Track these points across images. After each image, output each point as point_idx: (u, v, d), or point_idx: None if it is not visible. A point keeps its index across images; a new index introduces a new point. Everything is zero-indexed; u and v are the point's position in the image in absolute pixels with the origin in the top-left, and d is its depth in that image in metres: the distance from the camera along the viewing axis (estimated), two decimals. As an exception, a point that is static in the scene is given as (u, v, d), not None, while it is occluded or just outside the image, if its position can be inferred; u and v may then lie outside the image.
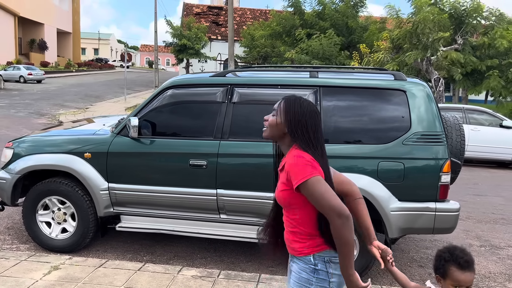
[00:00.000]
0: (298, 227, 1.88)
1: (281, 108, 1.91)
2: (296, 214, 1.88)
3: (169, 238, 4.69)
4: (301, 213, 1.87)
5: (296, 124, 1.87)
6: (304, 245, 1.88)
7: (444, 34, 15.27)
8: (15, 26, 42.67)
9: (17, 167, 4.27)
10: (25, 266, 3.75)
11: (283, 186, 1.87)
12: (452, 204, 3.77)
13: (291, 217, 1.90)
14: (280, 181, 1.91)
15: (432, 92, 3.93)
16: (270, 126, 1.92)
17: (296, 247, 1.90)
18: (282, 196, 1.88)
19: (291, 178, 1.81)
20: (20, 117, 15.55)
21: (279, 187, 1.90)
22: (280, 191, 1.88)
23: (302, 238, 1.88)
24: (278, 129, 1.90)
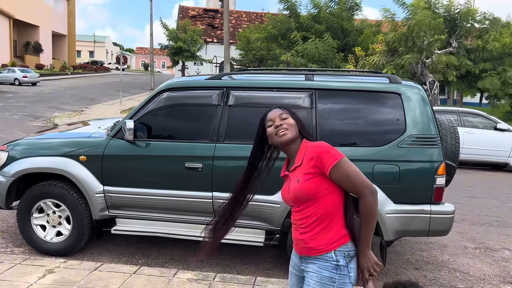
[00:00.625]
0: (321, 220, 1.89)
1: (286, 111, 2.03)
2: (318, 204, 1.89)
3: (164, 241, 4.68)
4: (325, 202, 1.89)
5: (301, 122, 2.03)
6: (324, 242, 1.89)
7: (440, 37, 15.36)
8: (10, 29, 42.49)
9: (12, 170, 4.25)
10: (19, 269, 3.73)
11: (307, 176, 1.89)
12: (447, 206, 3.79)
13: (312, 211, 1.90)
14: (297, 176, 1.93)
15: (427, 95, 3.95)
16: (290, 127, 1.97)
17: (315, 245, 1.90)
18: (308, 186, 1.88)
19: (325, 161, 1.86)
20: (14, 120, 15.47)
21: (301, 179, 1.90)
22: (305, 181, 1.88)
23: (323, 234, 1.89)
24: (295, 129, 1.98)
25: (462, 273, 4.41)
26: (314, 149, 1.91)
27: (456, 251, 5.01)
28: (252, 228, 3.97)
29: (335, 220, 1.90)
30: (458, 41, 17.57)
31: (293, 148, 2.00)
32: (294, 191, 1.93)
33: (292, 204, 1.99)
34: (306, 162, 1.91)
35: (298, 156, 1.97)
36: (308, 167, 1.90)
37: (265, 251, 4.52)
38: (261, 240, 3.95)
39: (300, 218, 1.95)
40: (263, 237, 3.97)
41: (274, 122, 1.99)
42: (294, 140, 1.98)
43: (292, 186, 1.95)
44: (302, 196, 1.91)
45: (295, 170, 1.96)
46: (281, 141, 1.97)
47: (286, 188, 2.01)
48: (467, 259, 4.78)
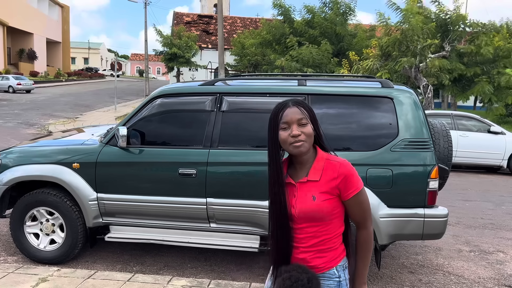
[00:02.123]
0: (326, 241, 1.78)
1: (307, 114, 1.75)
2: (328, 226, 1.77)
3: (159, 248, 4.66)
4: (331, 224, 1.78)
5: (318, 125, 1.79)
6: (327, 259, 1.79)
7: (433, 41, 15.48)
8: (4, 36, 42.39)
9: (5, 178, 4.23)
10: (12, 278, 3.70)
11: (325, 196, 1.74)
12: (441, 210, 3.80)
13: (319, 230, 1.76)
14: (312, 192, 1.75)
15: (421, 99, 3.98)
16: (309, 137, 1.74)
17: (319, 263, 1.78)
18: (325, 206, 1.73)
19: (348, 186, 1.74)
20: (8, 128, 15.40)
21: (319, 198, 1.73)
22: (323, 201, 1.73)
23: (326, 251, 1.79)
24: (312, 137, 1.76)
25: (456, 276, 4.41)
26: (339, 169, 1.74)
27: (451, 254, 5.02)
28: (246, 233, 3.96)
29: (337, 239, 1.83)
30: (451, 45, 17.71)
31: (306, 157, 1.79)
32: (307, 208, 1.74)
33: (292, 219, 1.77)
34: (326, 180, 1.74)
35: (314, 169, 1.76)
36: (328, 186, 1.74)
37: (260, 257, 4.51)
38: (256, 245, 3.94)
39: (303, 236, 1.77)
40: (258, 243, 3.96)
41: (291, 128, 1.73)
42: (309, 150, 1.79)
43: (303, 202, 1.75)
44: (315, 216, 1.74)
45: (307, 184, 1.76)
46: (295, 153, 1.75)
47: (289, 199, 1.78)
48: (462, 262, 4.79)
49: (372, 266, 4.41)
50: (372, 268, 4.40)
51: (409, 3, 16.27)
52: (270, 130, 1.79)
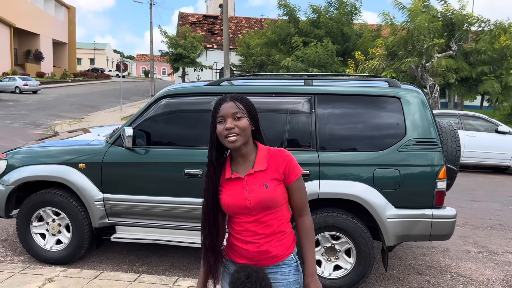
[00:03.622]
0: (281, 227, 1.83)
1: (243, 108, 1.79)
2: (279, 212, 1.82)
3: (165, 248, 4.65)
4: (282, 210, 1.84)
5: (257, 120, 1.85)
6: (285, 246, 1.85)
7: (439, 41, 15.38)
8: (11, 37, 42.67)
9: (11, 179, 4.24)
10: (19, 278, 3.71)
11: (275, 182, 1.80)
12: (449, 210, 3.76)
13: (274, 217, 1.81)
14: (263, 181, 1.79)
15: (427, 99, 3.93)
16: (243, 131, 1.77)
17: (279, 252, 1.83)
18: (276, 193, 1.79)
19: (291, 171, 1.81)
20: (15, 128, 15.49)
21: (270, 185, 1.79)
22: (274, 188, 1.79)
23: (283, 238, 1.84)
24: (248, 132, 1.79)
25: (465, 277, 4.37)
26: (282, 156, 1.83)
27: (459, 256, 4.97)
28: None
29: (288, 224, 1.88)
30: (457, 44, 17.59)
31: (245, 150, 1.83)
32: (261, 197, 1.78)
33: (247, 212, 1.80)
34: (273, 167, 1.81)
35: (258, 160, 1.82)
36: (276, 173, 1.81)
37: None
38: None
39: (260, 227, 1.80)
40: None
41: (226, 121, 1.76)
42: (245, 144, 1.81)
43: (256, 192, 1.78)
44: (270, 203, 1.79)
45: (255, 174, 1.81)
46: (230, 147, 1.79)
47: (241, 193, 1.80)
48: (470, 264, 4.74)
49: (379, 267, 4.38)
50: (379, 269, 4.37)
51: (415, 3, 16.18)
52: (210, 124, 1.85)
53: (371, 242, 3.77)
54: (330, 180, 3.72)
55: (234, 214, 1.84)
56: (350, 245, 3.79)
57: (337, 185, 3.71)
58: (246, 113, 1.79)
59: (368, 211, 3.68)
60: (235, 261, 1.88)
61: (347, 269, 3.82)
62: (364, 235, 3.74)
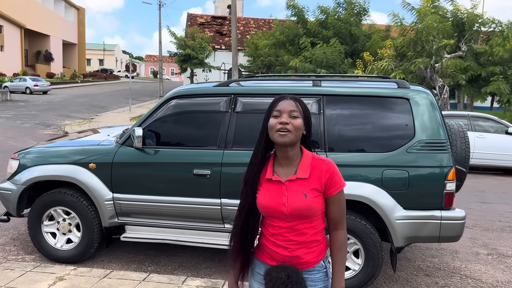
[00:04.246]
0: (314, 236, 1.82)
1: (301, 109, 1.79)
2: (314, 222, 1.81)
3: (173, 248, 4.69)
4: (318, 220, 1.82)
5: (310, 126, 1.85)
6: (316, 253, 1.84)
7: (449, 41, 15.28)
8: (22, 38, 43.16)
9: (23, 178, 4.30)
10: (30, 277, 3.76)
11: (315, 193, 1.77)
12: (458, 212, 3.74)
13: (308, 226, 1.80)
14: (303, 189, 1.77)
15: (436, 100, 3.92)
16: (296, 130, 1.76)
17: (310, 259, 1.83)
18: (314, 204, 1.77)
19: (333, 183, 1.79)
20: (26, 128, 15.66)
21: (310, 195, 1.77)
22: (314, 198, 1.77)
23: (315, 246, 1.83)
24: (299, 133, 1.79)
25: (474, 279, 4.35)
26: (327, 166, 1.79)
27: (468, 257, 4.95)
28: (261, 234, 3.95)
29: (322, 233, 1.87)
30: (467, 45, 17.46)
31: (291, 153, 1.81)
32: (300, 206, 1.76)
33: (282, 217, 1.79)
34: (315, 177, 1.78)
35: (302, 167, 1.80)
36: (317, 184, 1.78)
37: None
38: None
39: (294, 234, 1.80)
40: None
41: (281, 116, 1.76)
42: (294, 144, 1.80)
43: (295, 199, 1.77)
44: (307, 212, 1.77)
45: (296, 181, 1.79)
46: (278, 142, 1.76)
47: (279, 198, 1.78)
48: (479, 266, 4.71)
49: (387, 269, 4.37)
50: (388, 271, 4.36)
51: (424, 3, 16.09)
52: (264, 118, 1.84)
53: (379, 243, 3.77)
54: (339, 181, 3.72)
55: (269, 216, 1.83)
56: (358, 246, 3.79)
57: (346, 186, 3.70)
58: (303, 115, 1.79)
59: (377, 212, 3.68)
60: (264, 262, 1.88)
61: (355, 270, 3.82)
62: (372, 236, 3.74)
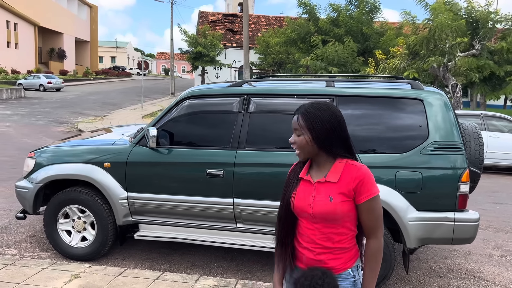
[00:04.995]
0: (341, 243, 1.80)
1: (303, 124, 1.78)
2: (343, 228, 1.80)
3: (186, 246, 4.73)
4: (346, 226, 1.80)
5: (324, 135, 1.76)
6: (342, 260, 1.82)
7: (463, 39, 15.10)
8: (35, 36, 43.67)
9: (39, 177, 4.37)
10: (46, 274, 3.83)
11: (341, 197, 1.76)
12: (472, 214, 3.72)
13: (335, 232, 1.79)
14: (330, 193, 1.77)
15: (449, 99, 3.90)
16: (301, 148, 1.81)
17: (335, 265, 1.81)
18: (341, 208, 1.76)
19: (363, 190, 1.75)
20: (40, 125, 15.86)
21: (336, 199, 1.76)
22: (339, 203, 1.76)
23: (341, 253, 1.81)
24: (310, 146, 1.79)
25: (487, 281, 4.32)
26: (357, 172, 1.77)
27: (481, 259, 4.91)
28: (273, 234, 3.97)
29: (351, 241, 1.84)
30: (481, 43, 17.24)
31: (317, 160, 1.84)
32: (324, 209, 1.76)
33: (309, 218, 1.81)
34: (344, 182, 1.77)
35: (332, 171, 1.79)
36: (345, 189, 1.76)
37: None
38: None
39: (319, 237, 1.80)
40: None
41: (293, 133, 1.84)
42: (310, 157, 1.84)
43: (321, 201, 1.77)
44: (331, 216, 1.76)
45: (325, 184, 1.79)
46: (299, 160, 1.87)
47: (307, 198, 1.80)
48: (493, 267, 4.68)
49: (400, 270, 4.36)
50: (400, 272, 4.36)
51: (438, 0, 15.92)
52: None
53: (392, 245, 3.77)
54: (351, 182, 3.73)
55: (299, 216, 1.85)
56: (371, 247, 3.79)
57: (358, 187, 3.71)
58: (307, 129, 1.76)
59: (390, 213, 3.68)
60: (295, 264, 1.90)
61: (368, 271, 3.82)
62: (385, 238, 3.73)
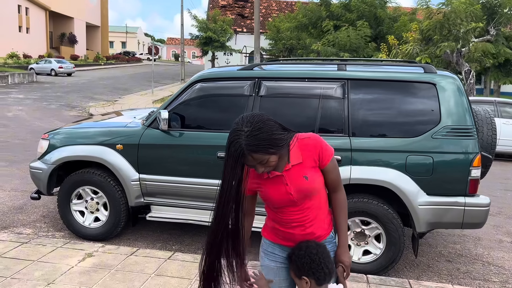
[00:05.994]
0: (322, 209, 1.92)
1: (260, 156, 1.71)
2: (319, 195, 1.89)
3: (197, 228, 4.79)
4: (322, 193, 1.91)
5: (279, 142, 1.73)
6: (325, 226, 1.95)
7: (477, 25, 14.83)
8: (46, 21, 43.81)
9: (53, 158, 4.44)
10: (61, 252, 3.92)
11: (313, 171, 1.85)
12: (482, 199, 3.71)
13: (315, 202, 1.88)
14: (302, 173, 1.82)
15: (462, 85, 3.86)
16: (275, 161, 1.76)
17: (322, 233, 1.93)
18: (316, 182, 1.85)
19: (323, 155, 1.84)
20: (52, 109, 16.02)
21: (310, 176, 1.83)
22: (314, 176, 1.84)
23: (323, 219, 1.93)
24: (276, 157, 1.75)
25: (496, 266, 4.32)
26: (313, 142, 1.84)
27: (491, 245, 4.91)
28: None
29: (326, 204, 1.96)
30: (496, 28, 16.93)
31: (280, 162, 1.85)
32: (303, 189, 1.83)
33: (291, 204, 1.86)
34: (308, 156, 1.84)
35: (293, 153, 1.83)
36: (311, 161, 1.84)
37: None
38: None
39: (305, 214, 1.87)
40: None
41: (256, 168, 1.77)
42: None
43: (298, 185, 1.82)
44: (312, 192, 1.85)
45: (293, 168, 1.83)
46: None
47: (283, 189, 1.83)
48: (502, 253, 4.68)
49: (409, 254, 4.38)
50: (409, 256, 4.38)
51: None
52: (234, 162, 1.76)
53: (401, 229, 3.78)
54: (362, 166, 3.74)
55: (279, 207, 1.89)
56: (380, 230, 3.81)
57: (368, 171, 3.72)
58: (269, 154, 1.71)
59: (400, 197, 3.68)
60: (277, 243, 1.98)
61: (377, 254, 3.85)
62: (394, 221, 3.75)
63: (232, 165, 1.73)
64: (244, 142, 1.69)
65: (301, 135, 1.87)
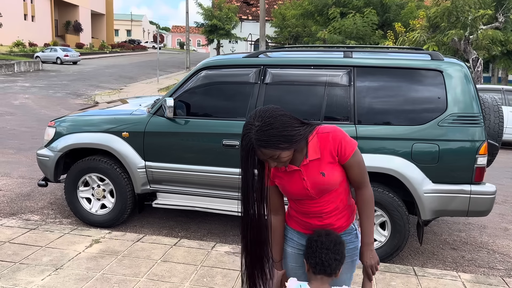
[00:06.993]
0: (343, 202, 1.90)
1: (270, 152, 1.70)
2: (339, 189, 1.86)
3: (203, 215, 4.83)
4: (342, 186, 1.87)
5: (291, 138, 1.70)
6: (346, 217, 1.93)
7: (486, 12, 14.61)
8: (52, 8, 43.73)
9: (59, 145, 4.47)
10: (68, 239, 3.96)
11: (330, 166, 1.81)
12: (488, 186, 3.70)
13: (335, 196, 1.86)
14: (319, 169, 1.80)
15: (470, 73, 3.83)
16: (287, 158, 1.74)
17: (341, 224, 1.92)
18: (333, 178, 1.82)
19: (343, 150, 1.79)
20: (58, 98, 16.08)
21: (328, 171, 1.80)
22: (331, 173, 1.81)
23: (344, 211, 1.91)
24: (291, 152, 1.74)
25: (501, 254, 4.33)
26: (332, 136, 1.80)
27: (496, 233, 4.91)
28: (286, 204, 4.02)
29: (349, 196, 1.94)
30: (505, 15, 16.68)
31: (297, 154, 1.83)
32: (320, 185, 1.82)
33: (309, 198, 1.86)
34: (326, 153, 1.80)
35: (311, 148, 1.80)
36: (330, 157, 1.80)
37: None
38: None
39: (323, 207, 1.87)
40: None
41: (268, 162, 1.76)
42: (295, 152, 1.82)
43: (314, 181, 1.82)
44: (329, 187, 1.83)
45: (310, 164, 1.81)
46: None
47: (300, 183, 1.83)
48: (508, 241, 4.68)
49: (413, 241, 4.39)
50: (414, 243, 4.39)
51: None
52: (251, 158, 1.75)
53: (406, 216, 3.79)
54: (367, 153, 3.72)
55: (297, 200, 1.91)
56: (385, 218, 3.82)
57: (374, 159, 3.71)
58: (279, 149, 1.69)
59: (405, 185, 3.68)
60: (296, 229, 1.99)
61: (381, 241, 3.87)
62: (399, 209, 3.76)
63: (245, 158, 1.73)
64: (254, 136, 1.67)
65: (322, 128, 1.83)
